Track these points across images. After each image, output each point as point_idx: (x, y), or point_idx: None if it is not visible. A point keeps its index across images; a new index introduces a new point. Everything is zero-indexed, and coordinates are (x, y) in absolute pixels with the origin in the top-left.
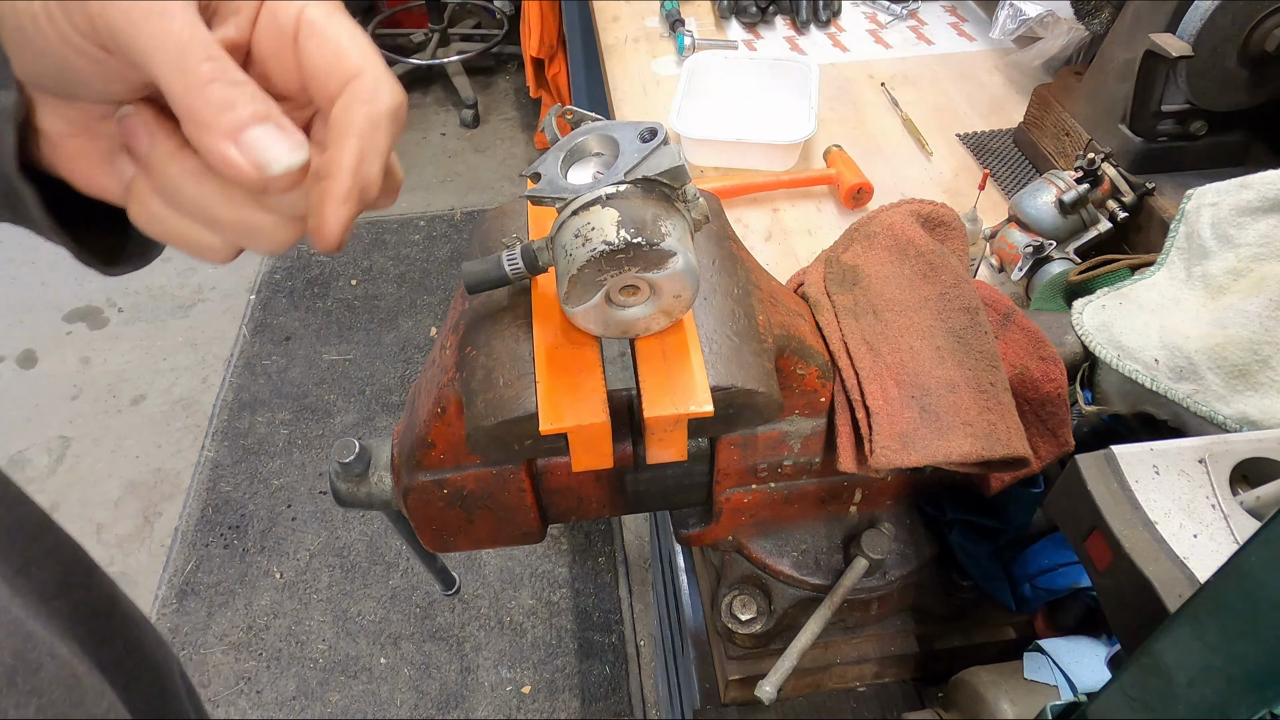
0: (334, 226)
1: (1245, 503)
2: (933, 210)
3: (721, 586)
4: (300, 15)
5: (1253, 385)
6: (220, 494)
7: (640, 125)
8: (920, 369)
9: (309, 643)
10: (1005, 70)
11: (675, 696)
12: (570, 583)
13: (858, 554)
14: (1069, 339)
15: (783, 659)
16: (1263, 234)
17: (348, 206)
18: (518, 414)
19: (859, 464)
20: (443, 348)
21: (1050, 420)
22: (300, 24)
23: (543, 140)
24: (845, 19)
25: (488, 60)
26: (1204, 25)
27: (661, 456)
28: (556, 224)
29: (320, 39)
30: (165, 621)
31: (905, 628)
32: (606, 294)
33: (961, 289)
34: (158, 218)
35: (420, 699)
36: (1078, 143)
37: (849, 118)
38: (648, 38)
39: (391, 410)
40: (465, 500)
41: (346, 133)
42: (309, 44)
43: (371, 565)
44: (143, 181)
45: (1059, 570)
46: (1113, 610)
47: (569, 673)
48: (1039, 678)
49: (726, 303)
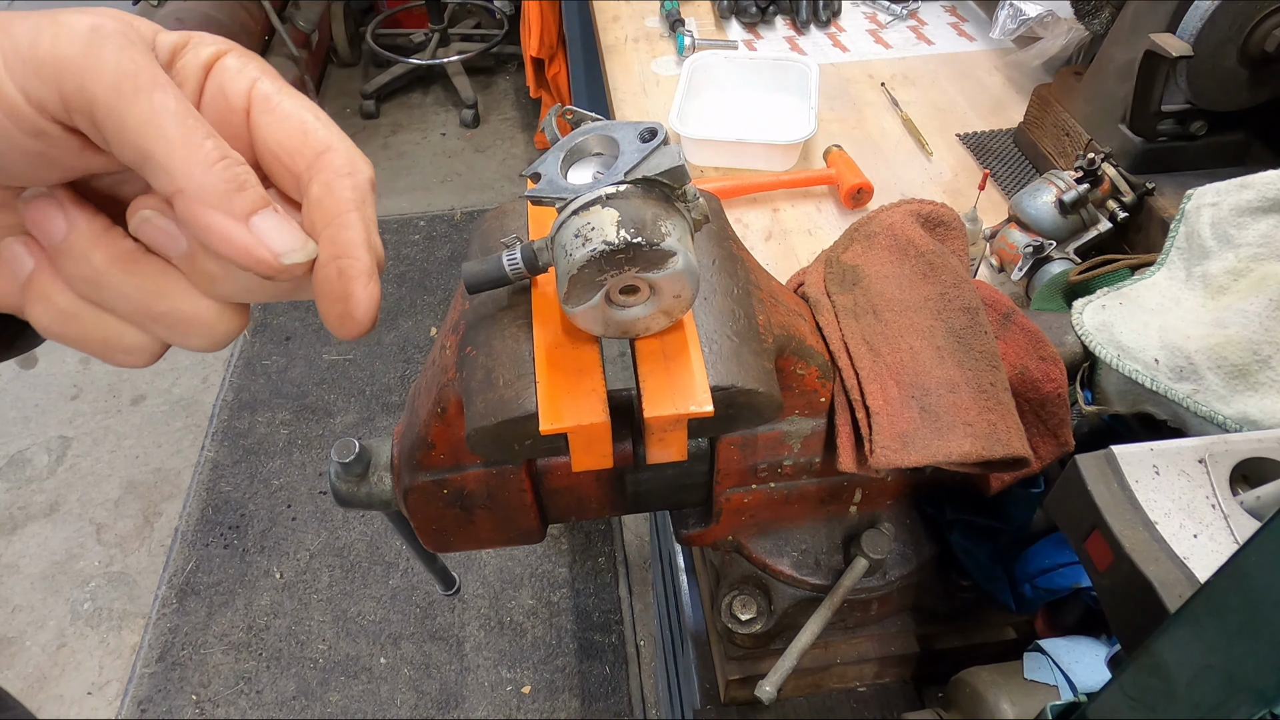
0: (367, 307)
1: (1245, 503)
2: (933, 210)
3: (721, 586)
4: (252, 91)
5: (1253, 385)
6: (220, 494)
7: (640, 125)
8: (920, 369)
9: (309, 643)
10: (1005, 70)
11: (675, 696)
12: (570, 583)
13: (858, 554)
14: (1069, 339)
15: (783, 659)
16: (1263, 234)
17: (375, 283)
18: (518, 414)
19: (859, 464)
20: (443, 348)
21: (1050, 420)
22: (253, 100)
23: (543, 140)
24: (845, 19)
25: (488, 60)
26: (1204, 25)
27: (661, 456)
28: (556, 224)
29: (279, 114)
30: (165, 621)
31: (905, 628)
32: (606, 294)
33: (961, 289)
34: (69, 316)
35: (420, 699)
36: (1078, 143)
37: (849, 118)
38: (648, 38)
39: (391, 410)
40: (465, 500)
41: (343, 209)
42: (266, 119)
43: (371, 565)
44: (47, 275)
45: (1059, 570)
46: (1113, 610)
47: (569, 673)
48: (1039, 678)
49: (726, 303)
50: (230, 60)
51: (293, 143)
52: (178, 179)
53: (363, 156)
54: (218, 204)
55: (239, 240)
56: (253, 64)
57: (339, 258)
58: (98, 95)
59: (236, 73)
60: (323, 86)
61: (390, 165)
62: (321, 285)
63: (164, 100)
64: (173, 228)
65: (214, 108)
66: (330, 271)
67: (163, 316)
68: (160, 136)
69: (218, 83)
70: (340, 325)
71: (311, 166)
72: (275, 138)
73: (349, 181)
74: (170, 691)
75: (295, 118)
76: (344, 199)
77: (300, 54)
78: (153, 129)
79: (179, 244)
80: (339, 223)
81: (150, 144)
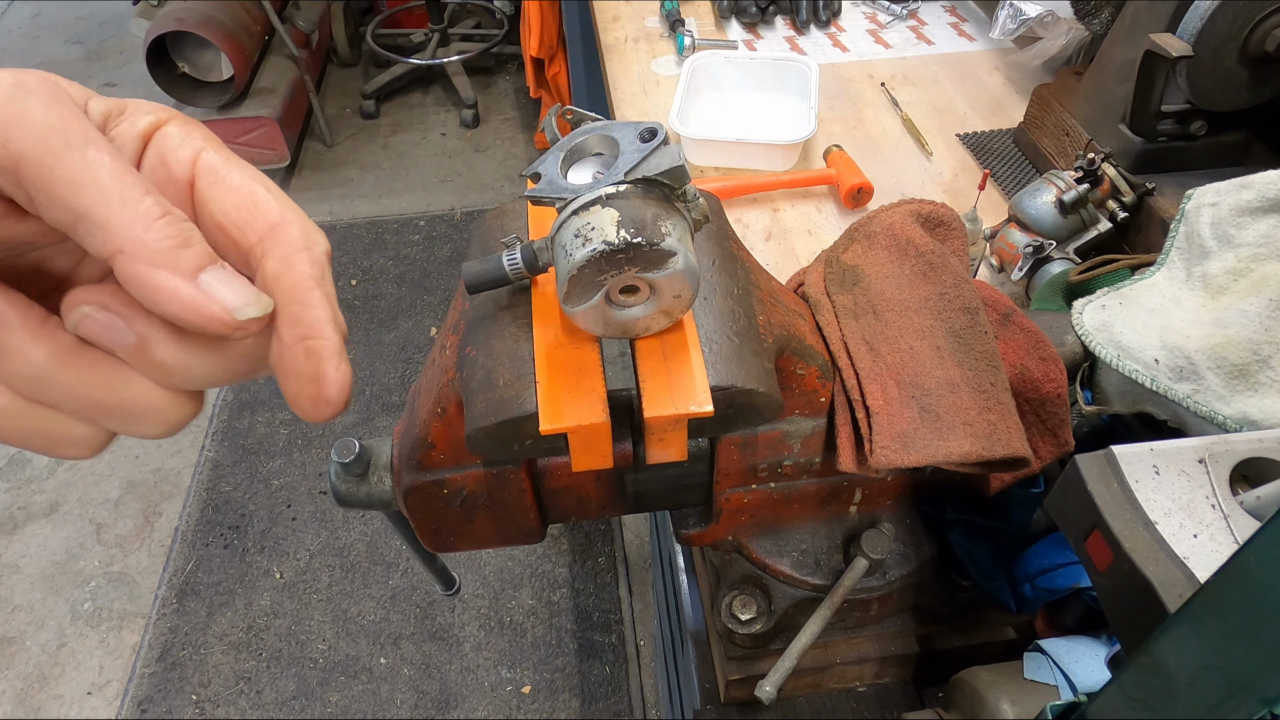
0: (340, 387)
1: (1245, 503)
2: (933, 210)
3: (721, 586)
4: (197, 162)
5: (1253, 385)
6: (220, 494)
7: (640, 125)
8: (920, 369)
9: (309, 643)
10: (1005, 70)
11: (675, 696)
12: (570, 583)
13: (858, 554)
14: (1069, 339)
15: (783, 659)
16: (1263, 234)
17: (345, 362)
18: (518, 414)
19: (859, 464)
20: (443, 348)
21: (1050, 420)
22: (198, 171)
23: (543, 140)
24: (845, 19)
25: (488, 60)
26: (1204, 25)
27: (661, 456)
28: (556, 224)
29: (226, 186)
30: (165, 621)
31: (905, 628)
32: (606, 294)
33: (961, 289)
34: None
35: (420, 699)
36: (1078, 143)
37: (849, 118)
38: (648, 38)
39: (391, 410)
40: (465, 500)
41: (304, 285)
42: (213, 191)
43: (371, 565)
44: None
45: (1059, 570)
46: (1113, 610)
47: (569, 673)
48: (1039, 678)
49: (726, 303)
50: (171, 129)
51: (242, 215)
52: (117, 238)
53: (317, 229)
54: (163, 262)
55: (188, 298)
56: (197, 133)
57: (306, 338)
58: (24, 150)
59: (180, 142)
60: (323, 86)
61: (390, 165)
62: (289, 366)
63: (98, 155)
64: (116, 321)
65: (154, 178)
66: (297, 353)
67: (112, 409)
68: (96, 193)
69: (158, 152)
70: (313, 407)
71: (265, 240)
72: (223, 210)
73: (306, 256)
74: (170, 691)
75: (244, 189)
76: (304, 274)
77: (300, 54)
78: (87, 185)
79: (125, 337)
80: (302, 300)
81: (85, 202)
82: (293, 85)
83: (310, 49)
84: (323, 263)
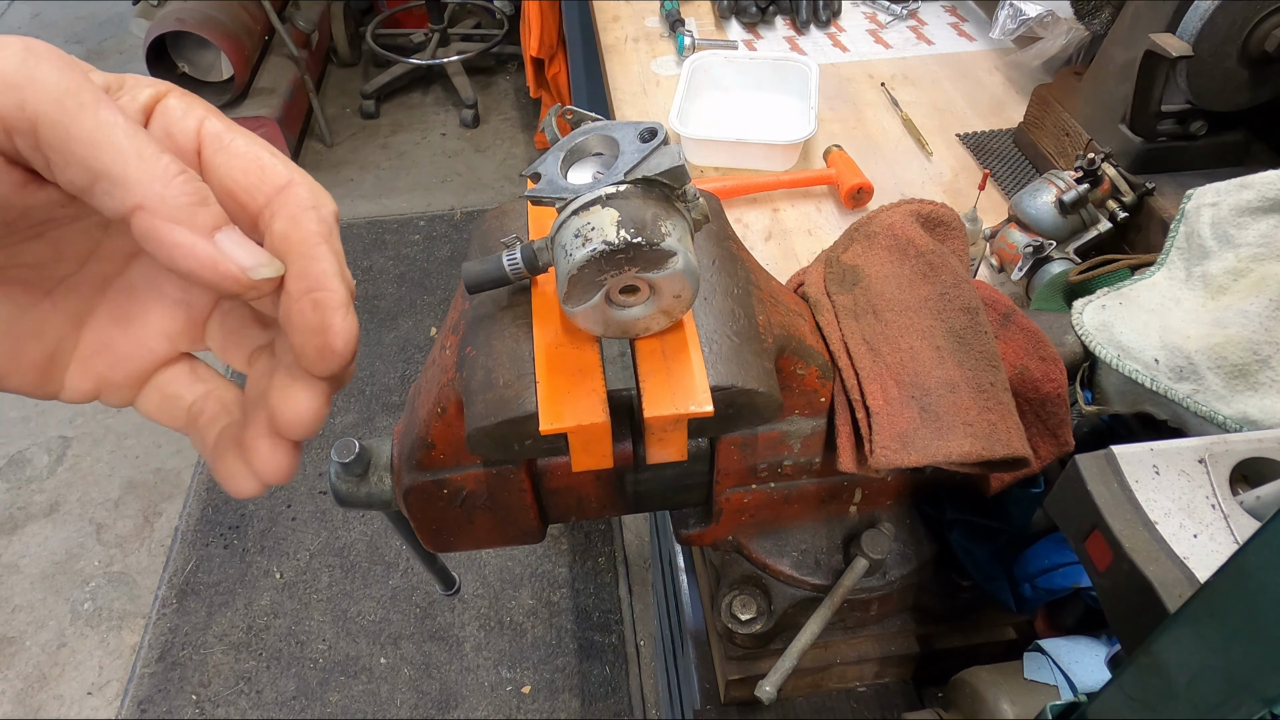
0: (346, 337)
1: (1245, 503)
2: (933, 210)
3: (721, 586)
4: (201, 130)
5: (1253, 385)
6: (220, 494)
7: (640, 125)
8: (920, 369)
9: (309, 643)
10: (1005, 70)
11: (675, 696)
12: (570, 583)
13: (858, 554)
14: (1069, 339)
15: (783, 659)
16: (1263, 234)
17: (352, 314)
18: (518, 414)
19: (859, 464)
20: (443, 348)
21: (1050, 420)
22: (204, 138)
23: (543, 140)
24: (845, 19)
25: (488, 60)
26: (1204, 25)
27: (661, 456)
28: (556, 224)
29: (233, 152)
30: (165, 621)
31: (905, 628)
32: (606, 294)
33: (961, 289)
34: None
35: (420, 699)
36: (1078, 143)
37: (849, 118)
38: (648, 38)
39: (391, 410)
40: (465, 500)
41: (311, 241)
42: (220, 157)
43: (371, 565)
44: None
45: (1059, 570)
46: (1113, 610)
47: (569, 673)
48: (1039, 678)
49: (726, 303)
50: (173, 101)
51: (250, 179)
52: (135, 194)
53: (324, 190)
54: (181, 218)
55: (204, 255)
56: (198, 104)
57: (312, 290)
58: (41, 112)
59: (183, 113)
60: (323, 86)
61: (390, 165)
62: (296, 319)
63: (112, 115)
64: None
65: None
66: (304, 305)
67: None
68: (113, 151)
69: (162, 124)
70: (319, 358)
71: (272, 202)
72: (231, 175)
73: (314, 214)
74: (170, 691)
75: (250, 154)
76: (311, 232)
77: (300, 54)
78: (104, 144)
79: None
80: (309, 255)
81: (103, 160)
82: (293, 85)
83: (310, 49)
84: (330, 221)
